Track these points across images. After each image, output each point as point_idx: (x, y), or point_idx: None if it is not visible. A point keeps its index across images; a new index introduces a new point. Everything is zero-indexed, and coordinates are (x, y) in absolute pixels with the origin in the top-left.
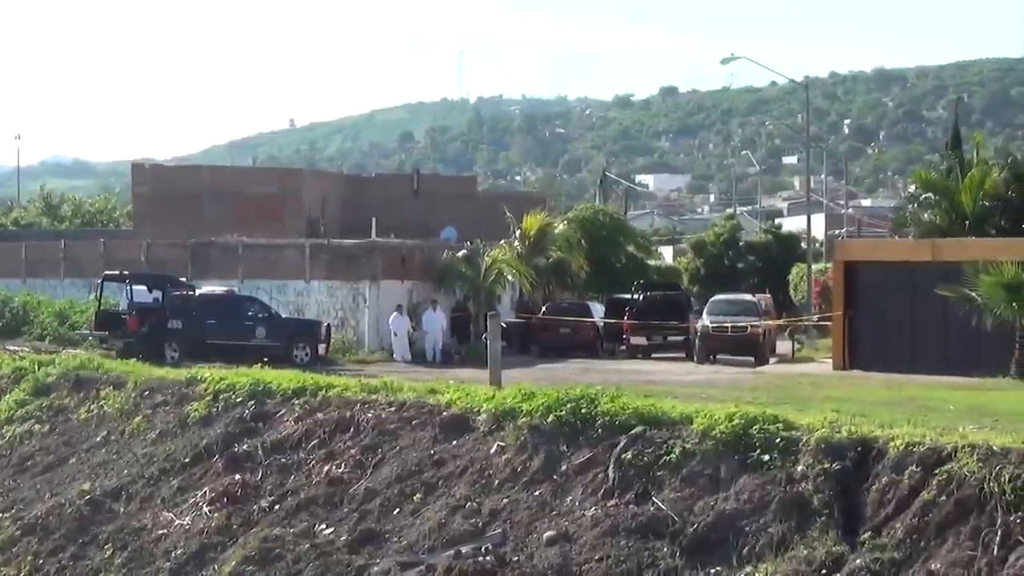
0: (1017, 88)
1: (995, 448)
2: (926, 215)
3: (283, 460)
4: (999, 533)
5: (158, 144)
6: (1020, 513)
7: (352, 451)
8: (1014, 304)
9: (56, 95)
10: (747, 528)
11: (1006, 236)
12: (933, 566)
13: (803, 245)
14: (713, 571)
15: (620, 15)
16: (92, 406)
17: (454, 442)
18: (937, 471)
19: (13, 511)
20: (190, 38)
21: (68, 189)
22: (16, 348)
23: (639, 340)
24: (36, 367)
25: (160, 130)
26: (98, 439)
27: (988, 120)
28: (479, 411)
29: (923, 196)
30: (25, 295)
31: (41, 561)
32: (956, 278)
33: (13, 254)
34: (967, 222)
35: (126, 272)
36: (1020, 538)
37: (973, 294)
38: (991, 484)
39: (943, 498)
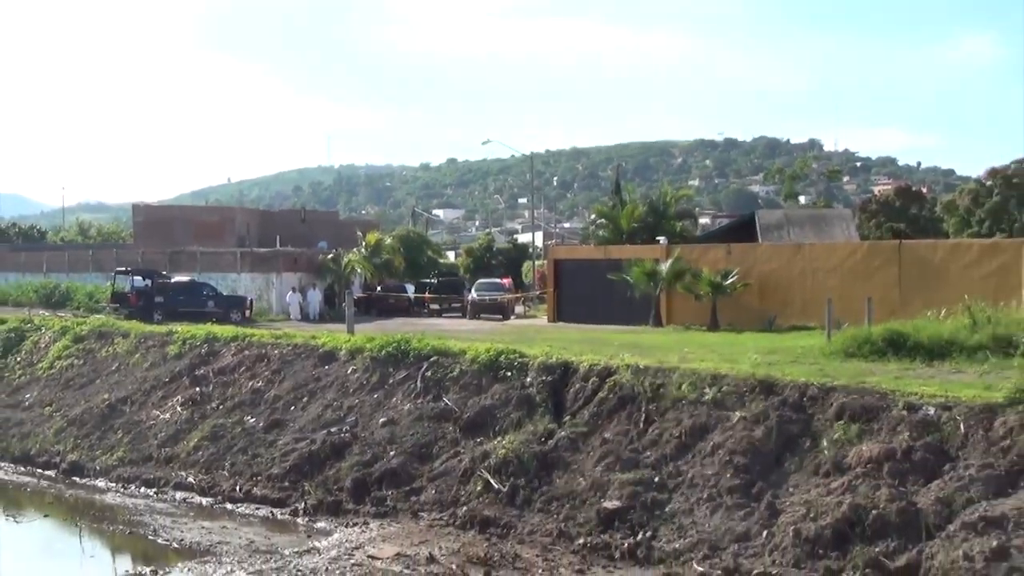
0: (653, 158)
1: (640, 366)
2: (601, 232)
3: (225, 379)
4: (643, 416)
5: (149, 192)
6: (655, 404)
7: (266, 373)
8: (650, 283)
9: (87, 160)
10: (499, 415)
11: (646, 244)
12: (606, 435)
13: (530, 250)
14: (479, 440)
15: (427, 115)
16: (109, 348)
17: (326, 367)
18: (608, 380)
19: (62, 411)
20: (171, 127)
21: (93, 219)
22: (63, 315)
23: (435, 306)
24: (75, 325)
25: (150, 183)
26: (113, 368)
27: (637, 177)
28: (341, 348)
29: (599, 221)
30: (67, 283)
31: (79, 441)
32: (618, 268)
33: (60, 259)
34: (624, 236)
35: (130, 268)
36: (655, 419)
37: (628, 278)
38: (639, 387)
39: (611, 396)
